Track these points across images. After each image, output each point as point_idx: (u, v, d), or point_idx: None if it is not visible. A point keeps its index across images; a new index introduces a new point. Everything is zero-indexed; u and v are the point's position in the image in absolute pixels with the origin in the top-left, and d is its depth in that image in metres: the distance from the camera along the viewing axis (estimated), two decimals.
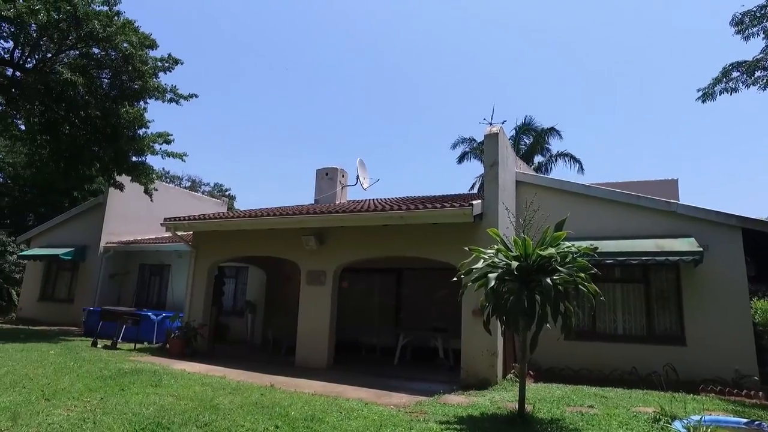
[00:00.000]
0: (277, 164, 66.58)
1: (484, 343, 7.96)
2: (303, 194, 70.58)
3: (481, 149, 23.45)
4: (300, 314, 10.11)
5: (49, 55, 12.89)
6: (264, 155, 66.49)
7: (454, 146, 24.13)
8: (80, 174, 14.80)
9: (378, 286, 13.25)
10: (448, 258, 8.71)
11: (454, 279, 6.03)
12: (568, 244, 5.40)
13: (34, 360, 8.32)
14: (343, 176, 14.87)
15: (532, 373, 8.53)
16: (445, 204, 8.43)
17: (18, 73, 12.94)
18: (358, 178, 14.61)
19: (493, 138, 9.03)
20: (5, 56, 12.71)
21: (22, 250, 19.71)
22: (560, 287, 5.06)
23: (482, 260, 5.65)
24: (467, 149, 24.15)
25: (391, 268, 12.43)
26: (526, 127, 22.54)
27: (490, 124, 9.67)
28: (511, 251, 5.59)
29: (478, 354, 8.06)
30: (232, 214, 11.28)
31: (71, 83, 11.59)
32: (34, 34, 12.33)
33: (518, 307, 5.17)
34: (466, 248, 6.00)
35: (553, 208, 8.59)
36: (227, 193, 41.79)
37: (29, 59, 12.85)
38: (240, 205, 40.04)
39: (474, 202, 8.17)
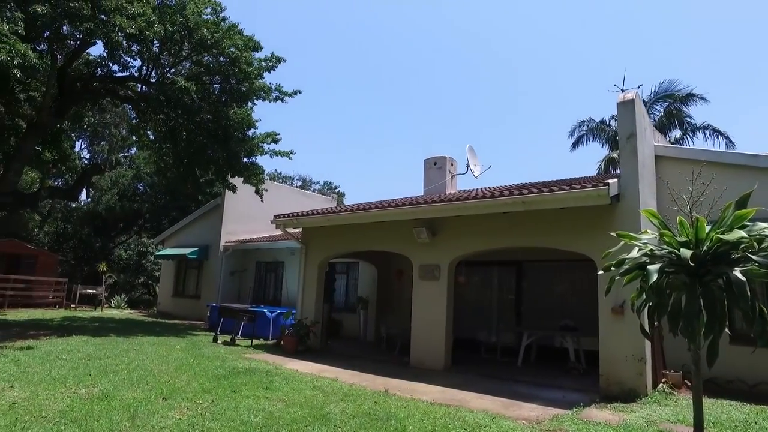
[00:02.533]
0: (384, 158, 67.26)
1: (627, 346, 6.73)
2: (411, 187, 70.44)
3: (601, 127, 21.22)
4: (414, 311, 9.50)
5: (168, 67, 13.65)
6: (371, 150, 67.51)
7: (572, 132, 21.85)
8: (198, 178, 15.61)
9: (495, 280, 12.25)
10: (578, 247, 7.57)
11: (600, 272, 4.94)
12: (762, 225, 4.08)
13: (161, 355, 8.62)
14: (452, 165, 14.04)
15: (688, 383, 7.10)
16: (575, 185, 7.25)
17: (144, 88, 13.89)
18: (468, 165, 13.66)
19: (627, 106, 7.65)
20: (135, 73, 13.68)
21: (158, 251, 21.56)
22: (753, 282, 3.80)
23: (636, 248, 4.51)
24: (583, 131, 21.83)
25: (510, 261, 11.37)
26: (661, 96, 19.46)
27: (622, 90, 8.26)
28: (676, 236, 4.38)
29: (621, 359, 6.81)
30: (339, 209, 11.00)
31: (186, 90, 12.09)
32: (156, 50, 13.09)
33: (694, 307, 3.99)
34: (613, 233, 4.86)
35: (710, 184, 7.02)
36: (336, 190, 42.81)
37: (152, 73, 13.70)
38: (350, 201, 40.82)
39: (610, 181, 6.91)
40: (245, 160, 14.39)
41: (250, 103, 14.12)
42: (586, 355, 9.09)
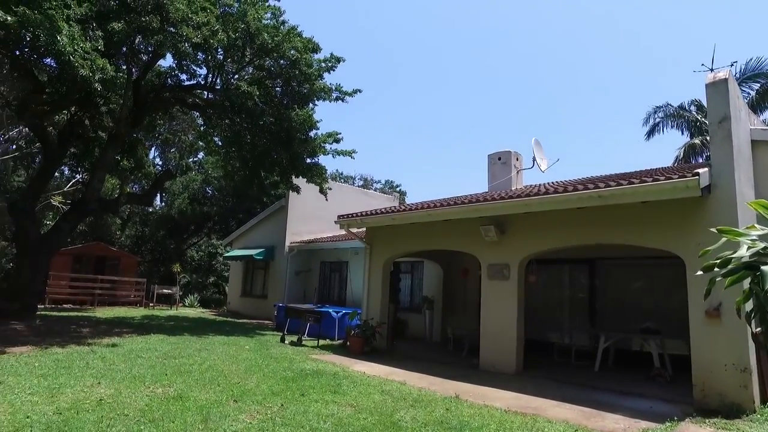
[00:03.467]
0: (445, 155, 66.58)
1: (725, 353, 6.09)
2: (475, 184, 69.30)
3: (679, 113, 19.73)
4: (482, 312, 9.16)
5: (232, 73, 14.04)
6: (433, 147, 67.04)
7: (646, 120, 20.46)
8: (263, 180, 16.02)
9: (566, 279, 11.64)
10: (662, 244, 6.97)
11: (699, 272, 4.44)
12: None
13: (231, 355, 8.81)
14: (517, 160, 13.57)
15: None
16: (658, 177, 6.65)
17: (210, 95, 14.39)
18: (534, 159, 13.12)
19: (719, 87, 6.91)
20: (201, 81, 14.20)
21: (227, 252, 22.38)
22: None
23: (744, 246, 3.98)
24: (659, 118, 20.36)
25: (583, 258, 10.74)
26: (749, 76, 17.70)
27: (711, 70, 7.50)
28: None
29: (719, 368, 6.16)
30: (403, 208, 10.83)
31: (249, 95, 12.37)
32: (220, 57, 13.50)
33: None
34: (713, 229, 4.34)
35: None
36: (398, 189, 42.81)
37: (217, 80, 14.14)
38: (411, 200, 40.64)
39: (699, 170, 6.26)
40: (308, 160, 14.58)
41: (311, 105, 14.28)
42: (671, 361, 8.40)
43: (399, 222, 10.47)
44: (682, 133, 19.79)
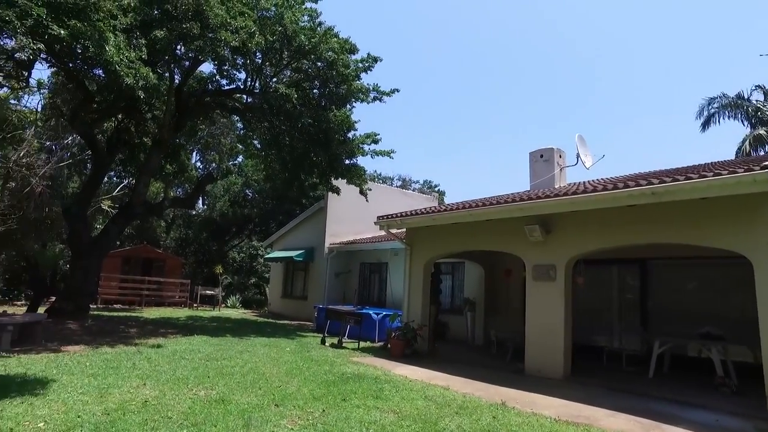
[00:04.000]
0: (484, 154, 65.68)
1: None
2: (515, 182, 68.01)
3: (738, 103, 18.63)
4: (527, 314, 8.84)
5: (270, 76, 14.17)
6: (471, 146, 66.26)
7: (700, 113, 19.41)
8: (303, 182, 16.13)
9: (615, 280, 11.14)
10: (725, 243, 6.52)
11: None
12: None
13: (272, 357, 8.82)
14: (560, 157, 13.08)
15: None
16: (720, 171, 6.19)
17: (249, 98, 14.57)
18: (578, 156, 12.63)
19: None
20: (240, 86, 14.41)
21: (267, 253, 22.68)
22: None
23: None
24: (714, 109, 19.29)
25: (633, 258, 10.24)
26: None
27: None
28: None
29: None
30: (444, 207, 10.61)
31: (287, 97, 12.44)
32: (258, 61, 13.65)
33: None
34: None
35: None
36: (436, 188, 42.46)
37: (256, 84, 14.31)
38: (450, 199, 40.22)
39: None
40: (347, 161, 14.55)
41: (348, 105, 14.25)
42: (735, 368, 7.84)
43: (440, 222, 10.25)
44: (744, 124, 18.70)
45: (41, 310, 12.68)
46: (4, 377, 6.37)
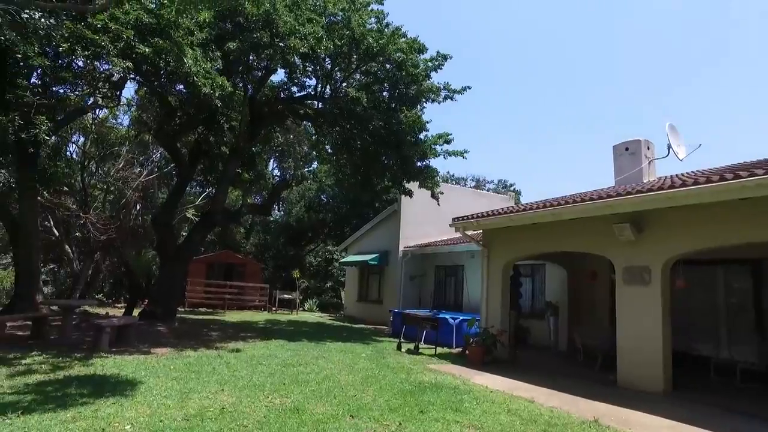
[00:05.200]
0: (561, 151, 62.94)
1: None
2: (595, 179, 64.41)
3: None
4: (618, 321, 8.08)
5: (340, 81, 14.22)
6: (548, 144, 63.76)
7: None
8: (375, 185, 16.06)
9: (721, 282, 9.94)
10: None
11: None
12: None
13: (347, 364, 8.70)
14: (648, 149, 11.99)
15: None
16: None
17: (320, 104, 14.71)
18: (669, 147, 11.48)
19: None
20: (311, 92, 14.60)
21: (342, 257, 22.91)
22: None
23: None
24: None
25: (744, 259, 9.08)
26: None
27: None
28: None
29: None
30: (522, 207, 10.01)
31: (357, 101, 12.39)
32: (328, 66, 13.75)
33: None
34: None
35: None
36: (512, 188, 41.14)
37: (326, 89, 14.42)
38: (526, 199, 38.78)
39: None
40: (419, 163, 14.29)
41: (419, 106, 13.99)
42: None
43: (518, 223, 9.68)
44: None
45: (136, 312, 13.52)
46: (102, 377, 6.72)
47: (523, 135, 65.03)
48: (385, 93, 14.13)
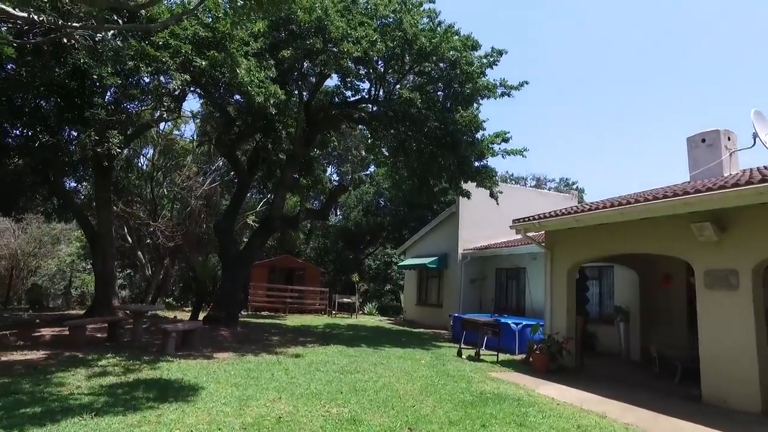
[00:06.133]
0: (627, 147, 59.83)
1: None
2: (667, 174, 60.67)
3: None
4: (701, 329, 7.39)
5: (393, 83, 14.09)
6: (612, 139, 60.82)
7: None
8: (432, 187, 15.79)
9: None
10: None
11: None
12: None
13: (406, 371, 8.50)
14: (729, 139, 10.98)
15: None
16: None
17: (374, 107, 14.65)
18: (755, 136, 10.45)
19: None
20: (365, 96, 14.58)
21: (401, 261, 22.78)
22: None
23: None
24: None
25: None
26: None
27: None
28: None
29: None
30: (588, 207, 9.41)
31: (411, 102, 12.20)
32: (381, 69, 13.66)
33: None
34: None
35: None
36: (575, 186, 39.50)
37: (380, 92, 14.34)
38: (590, 197, 37.07)
39: None
40: (476, 163, 13.89)
41: (475, 104, 13.62)
42: None
43: (584, 223, 9.12)
44: None
45: (202, 315, 14.01)
46: (167, 381, 6.91)
47: (586, 130, 62.40)
48: (439, 93, 13.87)
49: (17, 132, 12.68)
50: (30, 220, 20.80)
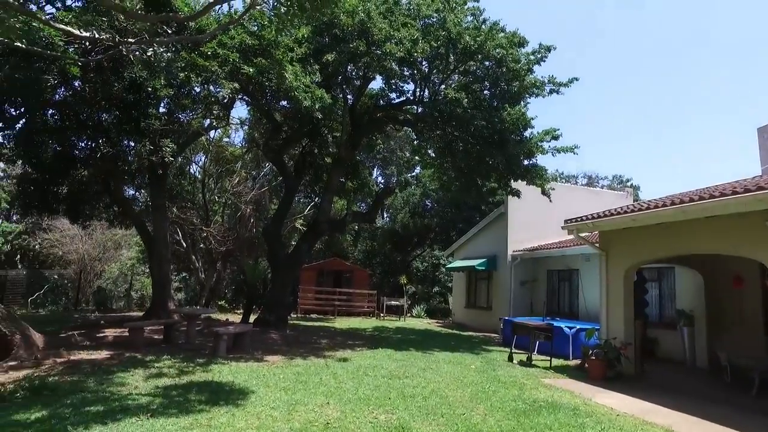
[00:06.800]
0: (686, 139, 56.77)
1: None
2: (733, 171, 57.03)
3: None
4: None
5: (438, 84, 13.91)
6: (669, 133, 57.92)
7: None
8: (480, 187, 15.49)
9: None
10: None
11: None
12: None
13: (456, 377, 8.31)
14: None
15: None
16: None
17: (419, 109, 14.52)
18: None
19: None
20: (410, 97, 14.49)
21: (449, 262, 22.51)
22: None
23: None
24: None
25: None
26: None
27: None
28: None
29: None
30: (646, 205, 8.86)
31: (457, 101, 12.01)
32: (425, 70, 13.52)
33: None
34: None
35: None
36: (629, 183, 37.86)
37: (424, 93, 14.19)
38: (645, 195, 35.38)
39: None
40: (525, 162, 13.50)
41: (522, 103, 13.25)
42: None
43: (642, 223, 8.63)
44: None
45: (252, 318, 14.31)
46: (218, 384, 7.04)
47: (641, 125, 59.68)
48: (485, 92, 13.60)
49: (83, 144, 13.48)
50: (95, 226, 22.02)
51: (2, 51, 9.31)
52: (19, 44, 6.70)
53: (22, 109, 11.90)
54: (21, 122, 12.43)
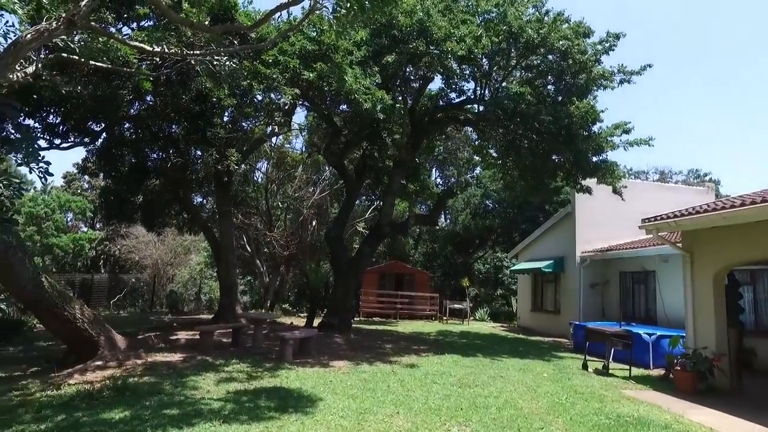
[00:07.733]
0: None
1: None
2: None
3: None
4: None
5: (499, 81, 13.45)
6: (754, 121, 53.57)
7: None
8: (546, 186, 14.86)
9: None
10: None
11: None
12: None
13: (528, 386, 7.91)
14: None
15: None
16: None
17: (480, 108, 14.12)
18: None
19: None
20: (470, 96, 14.13)
21: (513, 264, 21.81)
22: None
23: None
24: None
25: None
26: None
27: None
28: None
29: None
30: (740, 201, 8.03)
31: (520, 96, 11.54)
32: (486, 67, 13.13)
33: None
34: None
35: None
36: (708, 178, 35.27)
37: (485, 91, 13.78)
38: (727, 190, 32.77)
39: None
40: (594, 158, 12.77)
41: (590, 95, 12.54)
42: None
43: (734, 221, 7.84)
44: None
45: (316, 321, 14.43)
46: (287, 390, 7.05)
47: (720, 114, 55.56)
48: (550, 86, 13.01)
49: (155, 155, 14.19)
50: (167, 233, 23.17)
51: (87, 71, 9.91)
52: (101, 63, 7.06)
53: (103, 125, 12.67)
54: (102, 137, 13.27)
